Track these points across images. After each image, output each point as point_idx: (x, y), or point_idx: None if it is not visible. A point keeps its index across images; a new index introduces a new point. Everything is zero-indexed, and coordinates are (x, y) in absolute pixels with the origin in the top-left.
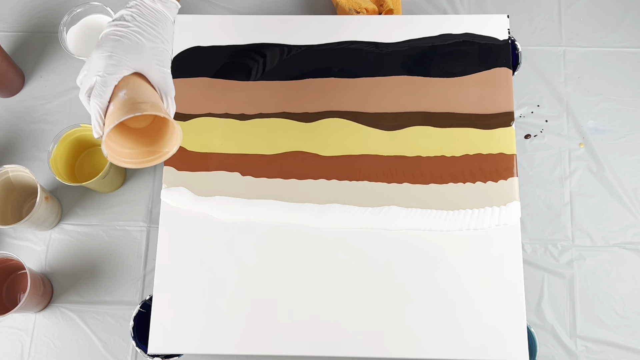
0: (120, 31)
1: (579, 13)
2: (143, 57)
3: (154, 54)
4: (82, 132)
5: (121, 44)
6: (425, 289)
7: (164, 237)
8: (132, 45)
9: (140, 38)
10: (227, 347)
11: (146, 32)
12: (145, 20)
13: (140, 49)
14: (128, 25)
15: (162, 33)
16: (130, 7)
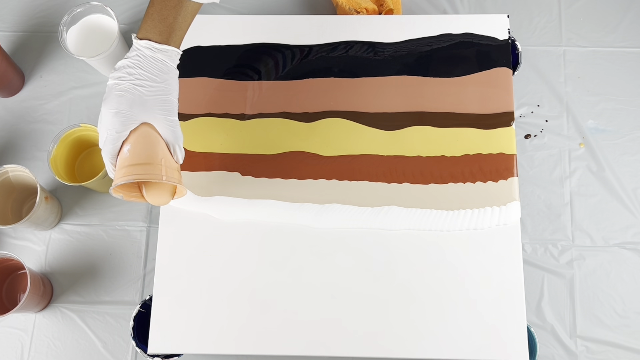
0: (122, 85)
1: (579, 13)
2: (148, 109)
3: (158, 105)
4: (82, 132)
5: (125, 99)
6: (425, 289)
7: (164, 237)
8: (135, 99)
9: (143, 91)
10: (227, 347)
11: (149, 84)
12: (147, 72)
13: (144, 102)
14: (129, 78)
15: (165, 82)
16: (131, 57)
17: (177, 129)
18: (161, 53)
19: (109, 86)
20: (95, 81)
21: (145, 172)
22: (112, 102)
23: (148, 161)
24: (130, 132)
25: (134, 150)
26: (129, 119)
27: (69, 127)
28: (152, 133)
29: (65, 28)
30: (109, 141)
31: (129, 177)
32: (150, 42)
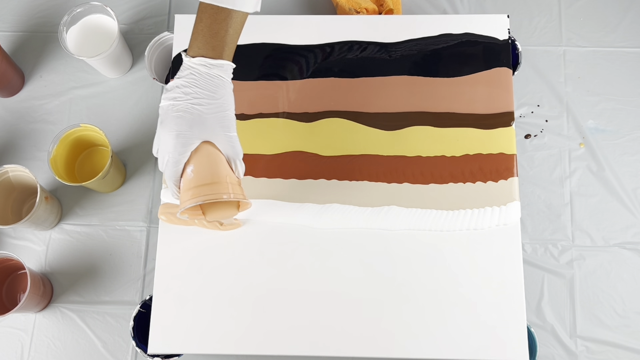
0: (179, 105)
1: (579, 13)
2: (208, 128)
3: (217, 122)
4: (82, 132)
5: (184, 120)
6: (426, 289)
7: (164, 237)
8: (194, 119)
9: (202, 109)
10: (227, 347)
11: (207, 102)
12: (203, 89)
13: (203, 121)
14: (186, 98)
15: (222, 98)
16: (185, 76)
17: (237, 144)
18: (217, 68)
19: (164, 108)
20: (95, 81)
21: (212, 192)
22: (171, 124)
23: (213, 181)
24: (191, 152)
25: (197, 170)
26: (189, 139)
27: (69, 127)
28: (213, 151)
29: (65, 28)
30: (171, 164)
31: (197, 199)
32: (204, 58)
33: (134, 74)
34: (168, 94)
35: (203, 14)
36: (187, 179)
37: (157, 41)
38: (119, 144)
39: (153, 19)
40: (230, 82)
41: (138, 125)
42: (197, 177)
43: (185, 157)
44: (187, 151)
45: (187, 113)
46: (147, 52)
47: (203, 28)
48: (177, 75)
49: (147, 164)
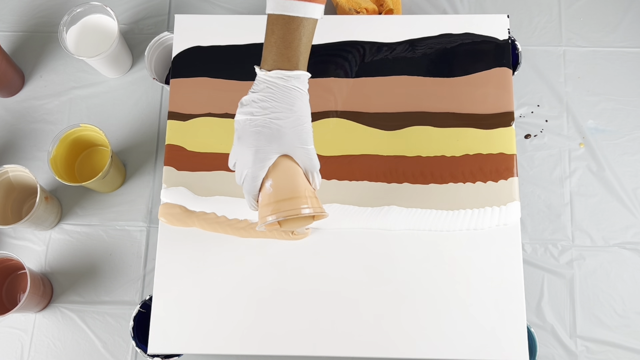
0: (257, 120)
1: (579, 13)
2: (286, 143)
3: (296, 136)
4: (82, 132)
5: (263, 136)
6: (426, 289)
7: (164, 237)
8: (273, 134)
9: (280, 123)
10: (227, 347)
11: (285, 115)
12: (281, 103)
13: (282, 135)
14: (263, 112)
15: (300, 110)
16: (261, 90)
17: (314, 156)
18: (294, 80)
19: (240, 122)
20: (95, 81)
21: (292, 207)
22: (250, 140)
23: (292, 195)
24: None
25: (276, 185)
26: (268, 155)
27: (69, 127)
28: (291, 165)
29: (65, 28)
30: (249, 179)
31: (278, 214)
32: (281, 71)
33: (134, 74)
34: (244, 108)
35: (274, 25)
36: (265, 193)
37: (157, 41)
38: (119, 144)
39: (153, 19)
40: (306, 92)
41: (138, 125)
42: (277, 192)
43: (264, 172)
44: (265, 166)
45: (265, 128)
46: (147, 52)
47: (276, 40)
48: (253, 90)
49: (147, 164)
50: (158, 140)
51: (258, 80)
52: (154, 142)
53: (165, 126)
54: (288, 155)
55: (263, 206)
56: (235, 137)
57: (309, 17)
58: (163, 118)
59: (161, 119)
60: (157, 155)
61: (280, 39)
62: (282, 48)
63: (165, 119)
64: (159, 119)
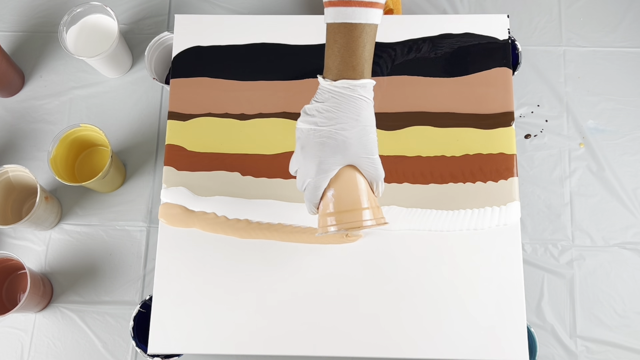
0: (322, 131)
1: (579, 13)
2: (351, 154)
3: (361, 147)
4: (82, 132)
5: (328, 147)
6: (425, 289)
7: (163, 237)
8: (339, 145)
9: (346, 134)
10: (227, 347)
11: (351, 126)
12: (347, 113)
13: (347, 147)
14: (329, 123)
15: (366, 120)
16: (326, 101)
17: (379, 165)
18: (360, 89)
19: (304, 131)
20: (95, 81)
21: (354, 219)
22: (314, 150)
23: (355, 207)
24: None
25: (339, 195)
26: (332, 166)
27: (69, 127)
28: (354, 175)
29: (65, 28)
30: (312, 188)
31: (340, 226)
32: (347, 80)
33: (134, 74)
34: (308, 117)
35: (336, 34)
36: (327, 202)
37: (157, 41)
38: (119, 144)
39: (153, 19)
40: (372, 100)
41: (138, 125)
42: (338, 202)
43: (326, 182)
44: (328, 177)
45: (330, 139)
46: (147, 52)
47: (340, 48)
48: (317, 99)
49: (147, 164)
50: (158, 140)
51: (322, 90)
52: (154, 142)
53: (165, 126)
54: (352, 165)
55: (324, 215)
56: (298, 146)
57: (371, 22)
58: (163, 118)
59: (161, 119)
60: (157, 155)
61: (343, 47)
62: (346, 57)
63: (165, 119)
64: (159, 119)
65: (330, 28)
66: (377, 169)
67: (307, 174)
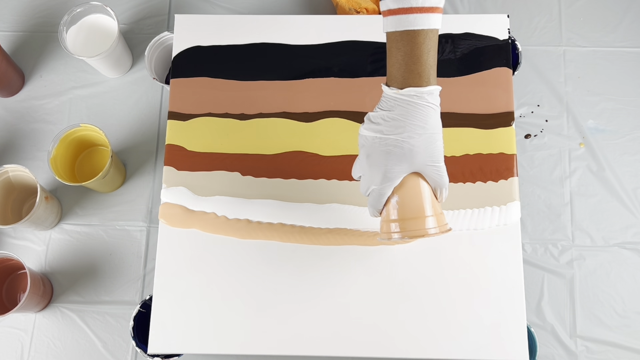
0: (389, 140)
1: (579, 13)
2: (417, 162)
3: (428, 155)
4: (82, 132)
5: (394, 156)
6: (425, 289)
7: (164, 237)
8: (405, 154)
9: (413, 143)
10: (227, 347)
11: (418, 134)
12: (414, 121)
13: (414, 155)
14: (397, 132)
15: (433, 127)
16: (392, 108)
17: (444, 173)
18: (428, 95)
19: (368, 139)
20: (95, 81)
21: (418, 227)
22: (379, 159)
23: (419, 215)
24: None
25: (403, 203)
26: (398, 174)
27: (69, 127)
28: (419, 183)
29: (65, 28)
30: (376, 195)
31: (404, 234)
32: (413, 88)
33: (134, 74)
34: (373, 125)
35: (398, 42)
36: (390, 209)
37: (157, 41)
38: (119, 144)
39: (153, 19)
40: (439, 106)
41: (138, 125)
42: (402, 209)
43: (391, 190)
44: (393, 185)
45: (397, 148)
46: (147, 52)
47: (404, 56)
48: (381, 107)
49: (147, 164)
50: (158, 140)
51: (387, 98)
52: (154, 142)
53: (165, 126)
54: (417, 172)
55: (387, 221)
56: (363, 153)
57: (432, 28)
58: (163, 118)
59: (161, 119)
60: (157, 155)
61: (407, 55)
62: (411, 64)
63: (165, 119)
64: (159, 119)
65: (391, 37)
66: (442, 176)
67: (372, 182)
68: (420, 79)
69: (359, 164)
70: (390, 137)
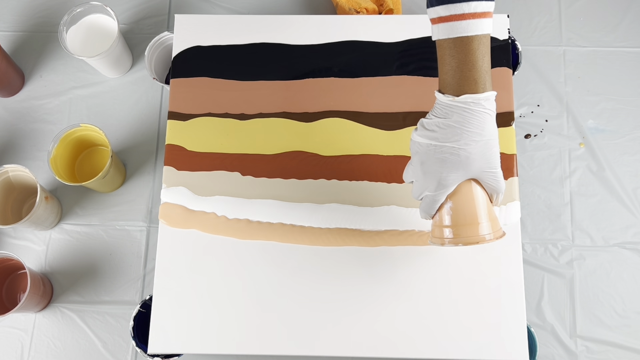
0: (444, 148)
1: (579, 13)
2: (473, 169)
3: (484, 162)
4: (82, 132)
5: (449, 164)
6: (425, 289)
7: (164, 237)
8: (461, 162)
9: (469, 150)
10: (227, 347)
11: (474, 140)
12: (471, 128)
13: (470, 162)
14: (454, 139)
15: (489, 133)
16: (446, 115)
17: (501, 178)
18: (485, 102)
19: (422, 145)
20: (95, 81)
21: (473, 234)
22: (434, 167)
23: (473, 221)
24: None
25: (457, 209)
26: (453, 182)
27: (69, 127)
28: (473, 189)
29: (65, 28)
30: (429, 201)
31: (458, 240)
32: (470, 95)
33: (134, 74)
34: (427, 132)
35: (452, 49)
36: (444, 214)
37: (157, 41)
38: (119, 144)
39: (153, 18)
40: (494, 111)
41: (138, 125)
42: (456, 215)
43: (444, 197)
44: (447, 192)
45: (453, 156)
46: (147, 52)
47: (458, 63)
48: (436, 114)
49: (147, 164)
50: (158, 140)
51: (442, 105)
52: (154, 142)
53: (165, 126)
54: (473, 179)
55: (440, 226)
56: (416, 160)
57: (485, 33)
58: (163, 118)
59: (161, 119)
60: (157, 155)
61: (461, 62)
62: (466, 71)
63: (165, 119)
64: (159, 119)
65: (444, 44)
66: (499, 181)
67: (426, 188)
68: (476, 85)
69: (412, 170)
70: (446, 145)
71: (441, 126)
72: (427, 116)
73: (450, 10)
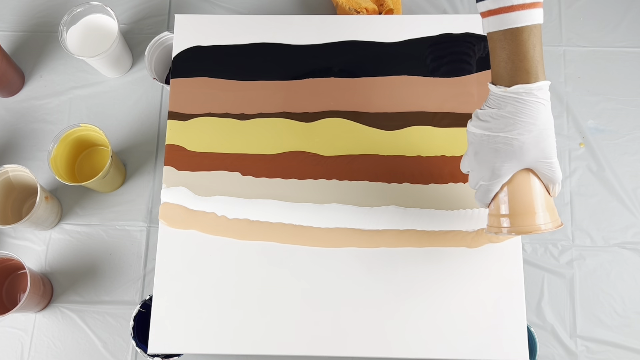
0: (498, 138)
1: (579, 13)
2: (527, 159)
3: (539, 152)
4: (82, 132)
5: (503, 153)
6: (425, 289)
7: (163, 237)
8: (515, 152)
9: (523, 140)
10: (227, 347)
11: (527, 131)
12: (525, 118)
13: (524, 152)
14: (507, 129)
15: (544, 124)
16: (500, 106)
17: (557, 168)
18: (537, 91)
19: (477, 136)
20: (95, 81)
21: (529, 223)
22: (488, 157)
23: (528, 211)
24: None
25: (512, 198)
26: (507, 172)
27: (69, 127)
28: (529, 178)
29: (65, 28)
30: (484, 190)
31: (514, 229)
32: (522, 85)
33: (134, 74)
34: (481, 123)
35: (502, 42)
36: (499, 203)
37: (157, 41)
38: (119, 144)
39: (153, 18)
40: (549, 101)
41: (138, 125)
42: (512, 205)
43: (499, 186)
44: (502, 182)
45: (506, 145)
46: (147, 52)
47: (509, 55)
48: (490, 105)
49: (147, 164)
50: (158, 140)
51: (495, 96)
52: (154, 142)
53: (165, 126)
54: (529, 168)
55: (495, 215)
56: (471, 150)
57: (536, 23)
58: (163, 118)
59: (161, 119)
60: (157, 155)
61: (513, 53)
62: (518, 62)
63: (165, 119)
64: (159, 119)
65: (494, 36)
66: (555, 171)
67: (481, 178)
68: (528, 75)
69: (467, 160)
70: (499, 135)
71: (494, 117)
72: (482, 107)
73: (500, 3)
